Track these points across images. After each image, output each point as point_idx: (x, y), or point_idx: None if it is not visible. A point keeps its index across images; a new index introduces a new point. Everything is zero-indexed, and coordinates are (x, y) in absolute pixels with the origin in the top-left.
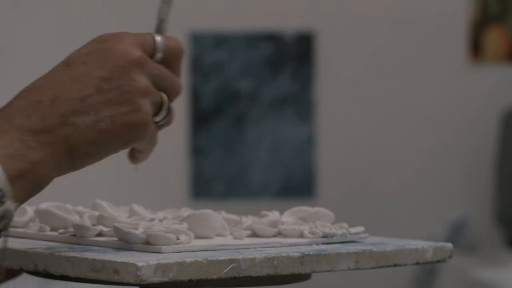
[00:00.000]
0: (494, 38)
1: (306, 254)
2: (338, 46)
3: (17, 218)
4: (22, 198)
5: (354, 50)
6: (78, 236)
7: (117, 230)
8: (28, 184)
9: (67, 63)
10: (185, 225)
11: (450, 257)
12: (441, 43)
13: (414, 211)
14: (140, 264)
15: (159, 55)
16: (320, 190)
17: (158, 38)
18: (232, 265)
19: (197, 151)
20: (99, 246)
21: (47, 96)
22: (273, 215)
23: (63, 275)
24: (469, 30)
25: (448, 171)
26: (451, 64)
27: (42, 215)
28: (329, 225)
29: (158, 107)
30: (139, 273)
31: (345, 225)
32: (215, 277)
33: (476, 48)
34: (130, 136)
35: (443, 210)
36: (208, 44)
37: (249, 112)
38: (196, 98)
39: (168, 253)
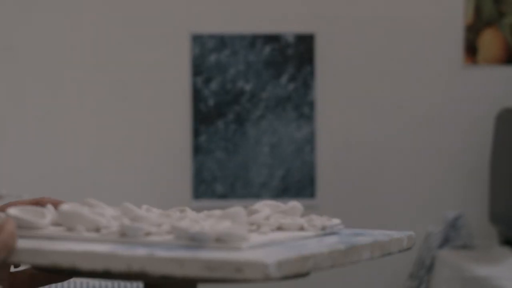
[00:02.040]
0: (489, 40)
1: (347, 247)
2: (337, 48)
3: (38, 220)
4: None
5: (354, 52)
6: (129, 236)
7: (181, 230)
8: None
9: None
10: (228, 222)
11: (413, 244)
12: (438, 46)
13: (412, 210)
14: (269, 261)
15: None
16: (320, 189)
17: None
18: (311, 260)
19: (199, 151)
20: (160, 245)
21: None
22: (265, 211)
23: (165, 276)
24: (466, 33)
25: (446, 170)
26: (448, 66)
27: (69, 216)
28: (322, 218)
29: None
30: (267, 271)
31: (328, 217)
32: (304, 271)
33: (472, 50)
34: None
35: (440, 209)
36: (210, 46)
37: (250, 113)
38: (197, 99)
39: (244, 249)
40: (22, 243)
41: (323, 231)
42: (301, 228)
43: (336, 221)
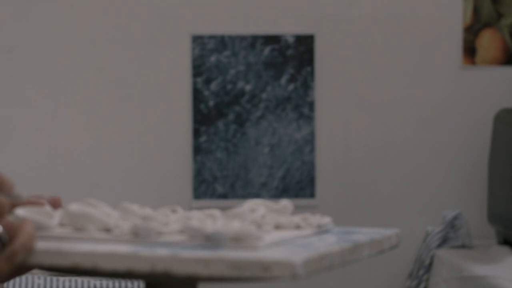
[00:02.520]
0: (488, 41)
1: (352, 245)
2: (337, 49)
3: (47, 220)
4: None
5: (353, 52)
6: (143, 236)
7: (195, 230)
8: None
9: None
10: (237, 222)
11: (400, 241)
12: (437, 47)
13: (411, 210)
14: (295, 260)
15: None
16: (320, 189)
17: None
18: (328, 258)
19: (199, 151)
20: (177, 245)
21: None
22: (261, 210)
23: (191, 276)
24: (464, 34)
25: (445, 171)
26: (447, 67)
27: (78, 217)
28: (316, 216)
29: None
30: (295, 270)
31: (321, 215)
32: (323, 269)
33: (471, 52)
34: None
35: (439, 209)
36: (210, 47)
37: (250, 113)
38: (198, 99)
39: (261, 248)
40: (40, 244)
41: (319, 229)
42: (297, 227)
43: (327, 219)
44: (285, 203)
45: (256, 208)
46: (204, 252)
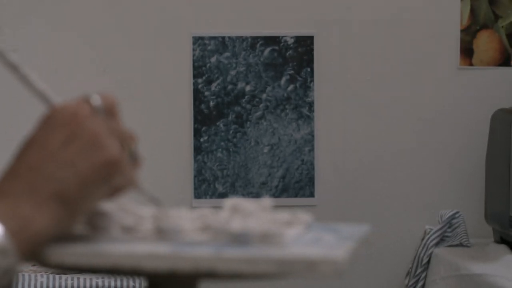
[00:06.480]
0: (485, 43)
1: (360, 241)
2: (336, 50)
3: None
4: (23, 253)
5: (352, 53)
6: (166, 237)
7: (220, 229)
8: (28, 239)
9: (30, 143)
10: (254, 220)
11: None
12: (434, 48)
13: (409, 209)
14: (339, 257)
15: (101, 111)
16: (319, 189)
17: (95, 96)
18: (352, 254)
19: (200, 151)
20: (206, 245)
21: (24, 167)
22: (250, 208)
23: (234, 274)
24: (462, 35)
25: (443, 170)
26: (444, 68)
27: (96, 216)
28: (304, 214)
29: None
30: (340, 267)
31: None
32: (348, 265)
33: (468, 53)
34: (108, 172)
35: (436, 208)
36: (211, 47)
37: (250, 114)
38: (198, 100)
39: (287, 246)
40: (72, 244)
41: (309, 226)
42: (289, 223)
43: (308, 216)
44: (266, 200)
45: (245, 207)
46: (247, 250)
